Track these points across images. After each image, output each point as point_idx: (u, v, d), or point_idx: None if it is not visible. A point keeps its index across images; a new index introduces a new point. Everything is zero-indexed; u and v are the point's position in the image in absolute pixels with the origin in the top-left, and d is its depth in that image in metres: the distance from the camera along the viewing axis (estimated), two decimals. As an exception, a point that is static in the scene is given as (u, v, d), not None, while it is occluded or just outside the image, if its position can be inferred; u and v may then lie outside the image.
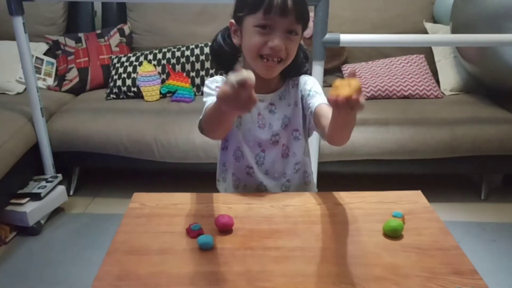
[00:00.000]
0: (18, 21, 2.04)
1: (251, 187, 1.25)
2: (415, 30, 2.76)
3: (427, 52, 2.74)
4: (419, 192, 1.17)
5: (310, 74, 1.27)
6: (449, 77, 2.67)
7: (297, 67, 1.22)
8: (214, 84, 1.19)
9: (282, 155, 1.24)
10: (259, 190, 1.25)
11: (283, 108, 1.22)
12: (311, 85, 1.21)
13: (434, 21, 2.84)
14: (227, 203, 1.12)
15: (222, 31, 1.22)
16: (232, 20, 1.16)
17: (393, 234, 0.98)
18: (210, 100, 1.13)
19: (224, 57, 1.22)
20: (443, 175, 2.64)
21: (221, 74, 1.26)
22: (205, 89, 1.20)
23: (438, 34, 2.71)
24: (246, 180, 1.25)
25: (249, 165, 1.24)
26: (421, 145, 2.25)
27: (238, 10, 1.13)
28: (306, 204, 1.12)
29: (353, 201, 1.13)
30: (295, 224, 1.04)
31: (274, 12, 1.06)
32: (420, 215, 1.07)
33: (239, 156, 1.24)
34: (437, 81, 2.67)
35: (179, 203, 1.12)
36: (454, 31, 2.50)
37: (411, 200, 1.13)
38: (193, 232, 0.98)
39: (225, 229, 1.00)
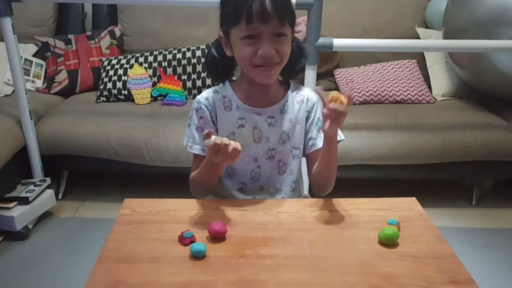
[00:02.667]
0: (7, 22, 2.01)
1: None
2: (407, 35, 2.77)
3: (419, 57, 2.75)
4: (414, 199, 1.16)
5: (303, 69, 1.24)
6: (441, 83, 2.68)
7: (292, 64, 1.18)
8: (195, 115, 1.21)
9: (279, 171, 1.22)
10: None
11: (283, 123, 1.19)
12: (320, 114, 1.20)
13: (426, 26, 2.85)
14: (220, 209, 1.10)
15: (215, 43, 1.20)
16: (221, 33, 1.14)
17: (389, 242, 0.97)
18: (189, 134, 1.23)
19: (220, 70, 1.20)
20: (434, 181, 2.64)
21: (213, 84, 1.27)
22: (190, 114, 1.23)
23: (430, 40, 2.72)
24: (238, 196, 1.23)
25: (241, 181, 1.22)
26: (413, 150, 2.25)
27: (222, 23, 1.12)
28: (300, 211, 1.11)
29: (348, 208, 1.12)
30: (289, 232, 1.02)
31: (256, 20, 1.03)
32: (415, 222, 1.06)
33: (230, 173, 1.22)
34: (429, 86, 2.67)
35: (171, 210, 1.10)
36: (446, 36, 2.50)
37: (406, 207, 1.12)
38: (185, 240, 0.96)
39: (218, 236, 0.98)
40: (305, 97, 1.22)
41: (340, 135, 1.17)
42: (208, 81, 2.61)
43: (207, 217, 1.07)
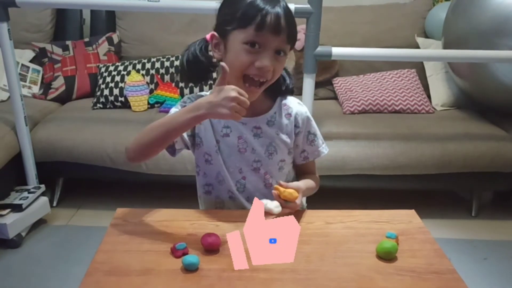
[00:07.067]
0: (3, 28, 1.99)
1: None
2: (406, 45, 2.75)
3: (419, 67, 2.73)
4: (413, 212, 1.13)
5: (293, 91, 1.22)
6: (441, 92, 2.66)
7: (279, 83, 1.16)
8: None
9: (265, 184, 1.19)
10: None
11: (270, 135, 1.16)
12: (314, 129, 1.22)
13: (426, 36, 2.84)
14: (214, 220, 1.08)
15: (198, 42, 1.13)
16: (215, 33, 1.08)
17: (386, 256, 0.94)
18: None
19: (197, 71, 1.13)
20: (433, 191, 2.61)
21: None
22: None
23: (429, 49, 2.70)
24: (229, 203, 1.20)
25: (231, 190, 1.19)
26: (412, 160, 2.22)
27: (225, 23, 1.06)
28: (296, 222, 1.08)
29: (345, 220, 1.09)
30: (284, 244, 0.99)
31: (267, 29, 1.00)
32: (414, 236, 1.03)
33: (221, 180, 1.19)
34: (429, 96, 2.66)
35: (164, 220, 1.07)
36: (446, 46, 2.49)
37: (405, 220, 1.10)
38: (178, 252, 0.93)
39: (212, 248, 0.95)
40: (293, 110, 1.19)
41: (324, 148, 1.24)
42: (206, 89, 2.59)
43: (201, 228, 1.04)
